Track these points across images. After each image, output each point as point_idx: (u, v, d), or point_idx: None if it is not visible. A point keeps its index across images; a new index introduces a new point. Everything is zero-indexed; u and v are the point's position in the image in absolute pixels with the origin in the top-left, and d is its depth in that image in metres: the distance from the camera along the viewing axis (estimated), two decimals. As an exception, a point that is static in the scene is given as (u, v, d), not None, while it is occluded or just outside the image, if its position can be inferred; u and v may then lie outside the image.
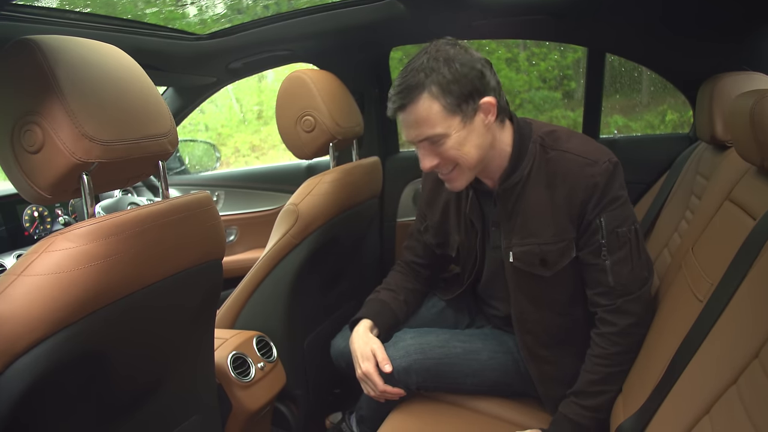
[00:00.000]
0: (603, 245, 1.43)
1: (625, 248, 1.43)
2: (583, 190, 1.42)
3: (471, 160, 1.44)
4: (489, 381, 1.67)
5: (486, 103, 1.40)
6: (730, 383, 0.94)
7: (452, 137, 1.40)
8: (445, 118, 1.39)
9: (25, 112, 0.98)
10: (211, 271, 1.33)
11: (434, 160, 1.46)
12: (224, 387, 1.63)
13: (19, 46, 1.00)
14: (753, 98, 1.23)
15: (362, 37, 2.37)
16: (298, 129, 1.95)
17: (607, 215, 1.42)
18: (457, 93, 1.37)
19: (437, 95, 1.37)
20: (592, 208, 1.42)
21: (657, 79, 4.65)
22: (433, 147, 1.44)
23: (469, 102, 1.38)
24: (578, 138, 1.51)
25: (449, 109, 1.38)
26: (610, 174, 1.41)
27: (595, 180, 1.41)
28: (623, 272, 1.43)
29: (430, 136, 1.41)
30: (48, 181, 1.01)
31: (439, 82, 1.36)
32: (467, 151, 1.43)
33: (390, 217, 2.68)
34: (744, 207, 1.28)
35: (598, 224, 1.43)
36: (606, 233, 1.43)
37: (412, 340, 1.69)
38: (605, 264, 1.44)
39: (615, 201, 1.42)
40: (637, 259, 1.44)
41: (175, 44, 2.21)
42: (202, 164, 3.18)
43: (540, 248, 1.49)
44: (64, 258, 0.96)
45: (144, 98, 1.15)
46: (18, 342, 0.93)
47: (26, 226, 2.13)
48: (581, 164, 1.43)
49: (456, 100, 1.37)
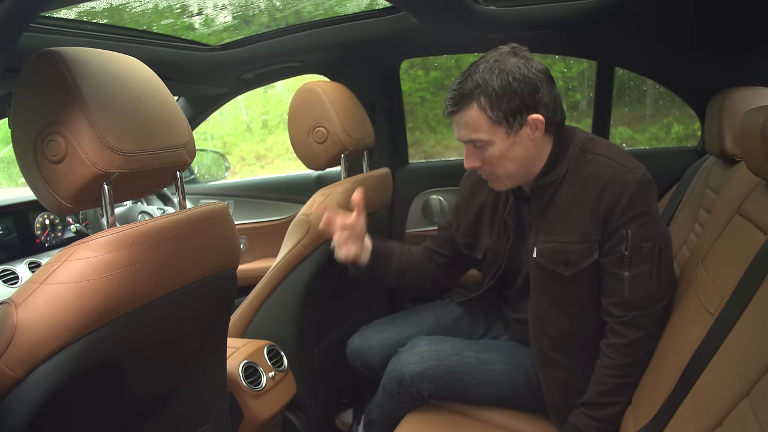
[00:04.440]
0: (626, 257, 1.44)
1: (646, 264, 1.43)
2: (612, 194, 1.43)
3: (509, 170, 1.50)
4: (501, 394, 1.67)
5: (534, 120, 1.44)
6: (742, 396, 0.95)
7: (496, 145, 1.46)
8: (491, 128, 1.44)
9: (48, 123, 1.00)
10: (226, 281, 1.34)
11: (476, 161, 1.52)
12: (235, 396, 1.64)
13: (42, 58, 1.01)
14: (764, 113, 1.24)
15: (374, 50, 2.39)
16: (310, 140, 1.97)
17: (634, 228, 1.42)
18: (505, 107, 1.42)
19: (485, 107, 1.43)
20: (619, 216, 1.43)
21: (663, 92, 4.65)
22: (477, 150, 1.50)
23: (516, 116, 1.43)
24: (617, 148, 1.53)
25: (495, 121, 1.43)
26: (642, 185, 1.42)
27: (626, 187, 1.42)
28: (640, 287, 1.43)
29: (475, 139, 1.48)
30: (70, 190, 1.02)
31: (489, 95, 1.41)
32: (508, 161, 1.49)
33: (399, 228, 2.69)
34: (754, 221, 1.29)
35: (624, 235, 1.43)
36: (630, 245, 1.43)
37: (427, 346, 1.71)
38: (623, 275, 1.44)
39: (644, 215, 1.43)
40: (656, 277, 1.44)
41: (189, 55, 2.23)
42: (211, 174, 3.19)
43: (564, 246, 1.50)
44: (86, 267, 0.97)
45: (163, 109, 1.17)
46: (40, 350, 0.94)
47: (38, 233, 2.15)
48: (615, 169, 1.45)
49: (503, 114, 1.42)
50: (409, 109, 6.42)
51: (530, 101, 1.43)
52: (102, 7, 1.79)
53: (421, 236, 2.65)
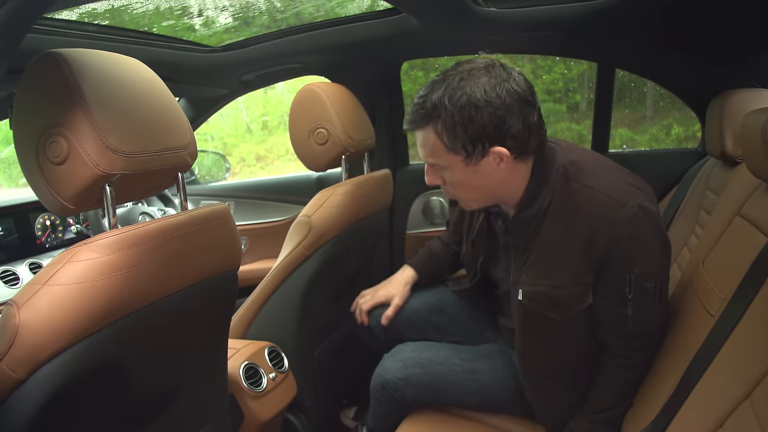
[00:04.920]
0: (629, 299, 1.34)
1: (649, 302, 1.36)
2: (606, 238, 1.30)
3: (472, 196, 1.42)
4: (491, 401, 1.66)
5: (497, 152, 1.29)
6: (743, 398, 0.95)
7: (455, 172, 1.35)
8: (447, 154, 1.32)
9: (50, 124, 1.00)
10: (227, 282, 1.34)
11: (437, 180, 1.42)
12: (236, 397, 1.64)
13: (44, 59, 1.02)
14: (764, 115, 1.24)
15: (375, 51, 2.39)
16: (311, 141, 1.97)
17: (637, 272, 1.32)
18: (462, 136, 1.28)
19: (441, 132, 1.30)
20: (618, 261, 1.32)
21: (663, 94, 4.66)
22: (437, 172, 1.40)
23: (477, 146, 1.29)
24: (606, 171, 1.38)
25: (451, 148, 1.31)
26: (639, 221, 1.29)
27: (621, 229, 1.29)
28: (643, 322, 1.38)
29: (433, 164, 1.38)
30: (72, 192, 1.03)
31: (445, 121, 1.28)
32: (469, 188, 1.39)
33: (400, 229, 2.69)
34: (755, 223, 1.29)
35: (626, 279, 1.33)
36: (633, 288, 1.33)
37: (411, 353, 1.70)
38: (627, 313, 1.36)
39: (646, 253, 1.31)
40: (658, 309, 1.39)
41: (189, 56, 2.24)
42: (211, 175, 3.19)
43: (554, 291, 1.38)
44: (88, 268, 0.97)
45: (165, 111, 1.17)
46: (42, 351, 0.95)
47: (38, 234, 2.15)
48: (606, 207, 1.30)
49: (461, 142, 1.29)
50: (410, 110, 6.43)
51: (493, 132, 1.27)
52: (103, 8, 1.79)
53: (421, 237, 2.65)
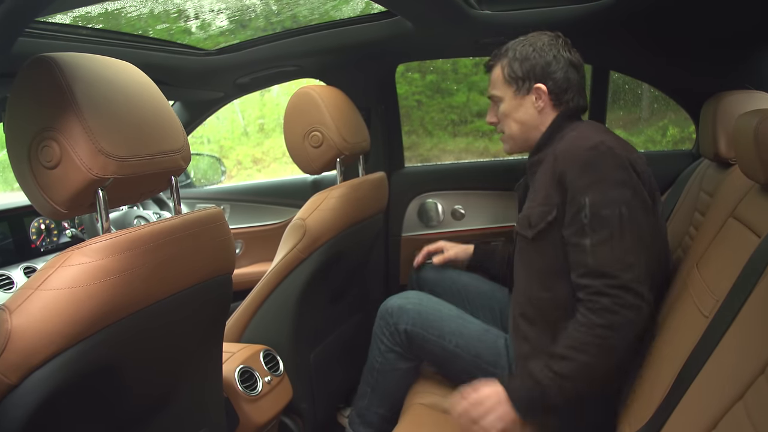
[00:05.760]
0: (586, 225, 1.46)
1: (606, 230, 1.43)
2: (566, 162, 1.51)
3: (513, 130, 1.72)
4: (472, 349, 1.72)
5: (538, 88, 1.64)
6: (736, 399, 0.95)
7: (505, 102, 1.70)
8: (504, 85, 1.69)
9: (42, 128, 1.00)
10: (222, 286, 1.34)
11: (493, 117, 1.77)
12: (231, 400, 1.64)
13: (37, 63, 1.01)
14: (757, 117, 1.24)
15: (369, 54, 2.39)
16: (305, 144, 1.97)
17: (591, 195, 1.45)
18: (517, 70, 1.65)
19: (504, 66, 1.68)
20: (573, 182, 1.48)
21: (658, 95, 4.67)
22: (494, 106, 1.75)
23: (525, 81, 1.65)
24: (595, 128, 1.60)
25: (507, 80, 1.68)
26: (599, 153, 1.47)
27: (580, 152, 1.49)
28: (602, 253, 1.43)
29: (491, 95, 1.74)
30: (64, 196, 1.02)
31: (510, 57, 1.67)
32: (512, 121, 1.71)
33: (395, 232, 2.69)
34: (748, 224, 1.30)
35: (582, 203, 1.46)
36: (589, 213, 1.45)
37: (415, 294, 1.95)
38: (586, 244, 1.45)
39: (601, 182, 1.45)
40: (618, 241, 1.42)
41: (184, 59, 2.23)
42: (207, 178, 3.18)
43: (529, 210, 1.61)
44: (80, 273, 0.97)
45: (158, 114, 1.17)
46: (34, 356, 0.94)
47: (33, 238, 2.14)
48: (575, 139, 1.55)
49: (515, 75, 1.66)
50: (406, 113, 6.44)
51: (540, 72, 1.63)
52: (97, 12, 1.78)
53: (417, 240, 2.65)
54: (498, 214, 2.63)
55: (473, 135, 6.79)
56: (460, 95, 6.84)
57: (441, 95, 6.87)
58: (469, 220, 2.65)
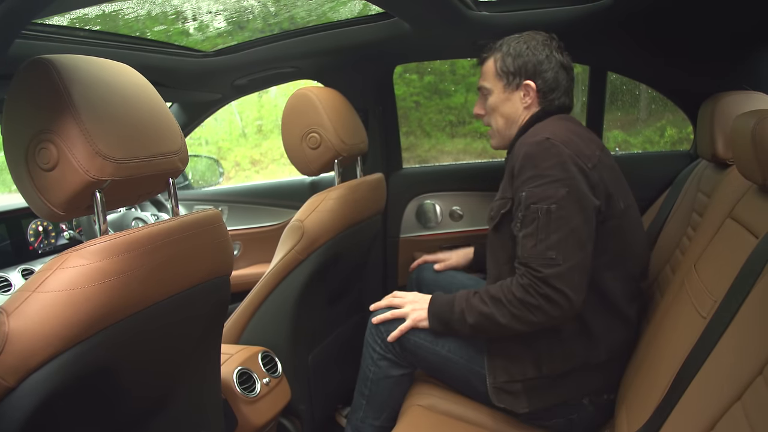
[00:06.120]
0: (519, 218, 1.54)
1: (533, 225, 1.49)
2: (514, 157, 1.59)
3: (499, 124, 1.78)
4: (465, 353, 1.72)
5: (527, 85, 1.70)
6: (734, 400, 0.95)
7: (494, 95, 1.76)
8: (494, 78, 1.75)
9: (40, 130, 1.00)
10: (219, 288, 1.34)
11: (480, 109, 1.83)
12: (230, 402, 1.64)
13: (34, 66, 1.01)
14: (754, 118, 1.25)
15: (367, 55, 2.39)
16: (303, 146, 1.97)
17: (527, 190, 1.52)
18: (509, 65, 1.71)
19: (496, 60, 1.73)
20: (517, 177, 1.55)
21: (656, 96, 4.68)
22: (483, 98, 1.81)
23: (516, 77, 1.71)
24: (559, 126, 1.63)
25: (499, 73, 1.73)
26: (540, 148, 1.53)
27: (525, 150, 1.55)
28: (527, 246, 1.50)
29: (481, 86, 1.80)
30: (62, 198, 1.02)
31: (503, 52, 1.72)
32: (498, 115, 1.77)
33: (393, 233, 2.69)
34: (746, 225, 1.30)
35: (521, 197, 1.53)
36: (523, 207, 1.52)
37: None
38: (519, 236, 1.53)
39: (538, 178, 1.51)
40: (542, 236, 1.48)
41: (182, 61, 2.23)
42: (205, 179, 3.19)
43: (493, 203, 1.70)
44: (78, 274, 0.97)
45: (155, 116, 1.17)
46: (32, 358, 0.94)
47: (31, 240, 2.14)
48: (529, 134, 1.61)
49: (507, 69, 1.71)
50: (404, 114, 6.45)
51: (532, 69, 1.69)
52: (95, 13, 1.78)
53: (415, 241, 2.65)
54: (496, 215, 2.63)
55: (471, 136, 6.81)
56: (458, 96, 6.85)
57: (439, 96, 6.88)
58: (468, 221, 2.65)
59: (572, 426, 1.62)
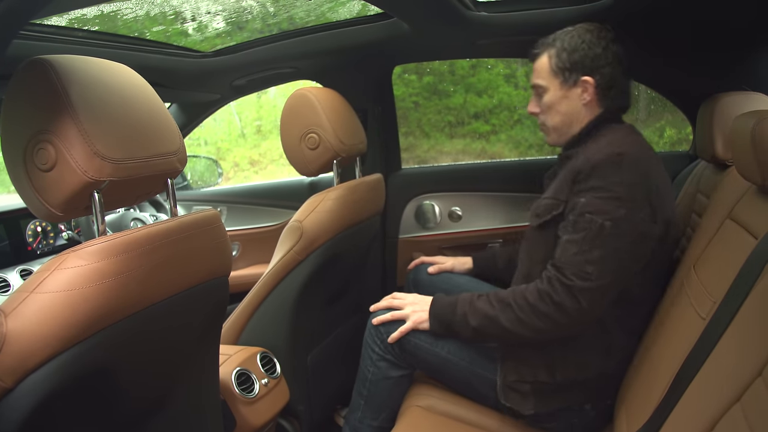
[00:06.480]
0: (570, 222, 1.51)
1: (581, 233, 1.47)
2: (582, 162, 1.53)
3: (555, 122, 1.70)
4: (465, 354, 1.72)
5: (585, 81, 1.63)
6: (733, 401, 0.95)
7: (550, 93, 1.68)
8: (550, 75, 1.67)
9: (38, 131, 0.99)
10: (218, 288, 1.34)
11: (535, 107, 1.74)
12: (228, 403, 1.63)
13: (32, 66, 1.01)
14: (754, 119, 1.24)
15: (366, 56, 2.39)
16: (302, 146, 1.97)
17: (587, 198, 1.49)
18: (564, 61, 1.63)
19: (551, 56, 1.66)
20: (580, 183, 1.51)
21: (655, 96, 4.68)
22: (537, 96, 1.73)
23: (573, 73, 1.63)
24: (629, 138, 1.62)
25: (554, 71, 1.65)
26: (612, 162, 1.48)
27: (597, 159, 1.50)
28: (567, 251, 1.48)
29: (536, 84, 1.71)
30: (60, 198, 1.02)
31: (558, 49, 1.65)
32: (555, 113, 1.69)
33: (392, 234, 2.69)
34: (745, 226, 1.30)
35: (577, 202, 1.50)
36: (577, 213, 1.49)
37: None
38: (563, 239, 1.51)
39: (602, 190, 1.47)
40: (586, 248, 1.46)
41: (181, 62, 2.23)
42: (204, 180, 3.18)
43: (542, 201, 1.65)
44: (76, 275, 0.97)
45: (154, 117, 1.16)
46: (30, 359, 0.94)
47: (29, 240, 2.14)
48: (604, 144, 1.56)
49: (562, 66, 1.64)
50: (403, 114, 6.45)
51: (589, 64, 1.62)
52: (93, 14, 1.78)
53: (414, 242, 2.65)
54: (495, 216, 2.63)
55: (470, 136, 6.81)
56: (457, 97, 6.86)
57: (438, 97, 6.89)
58: (467, 221, 2.65)
59: (572, 429, 1.62)
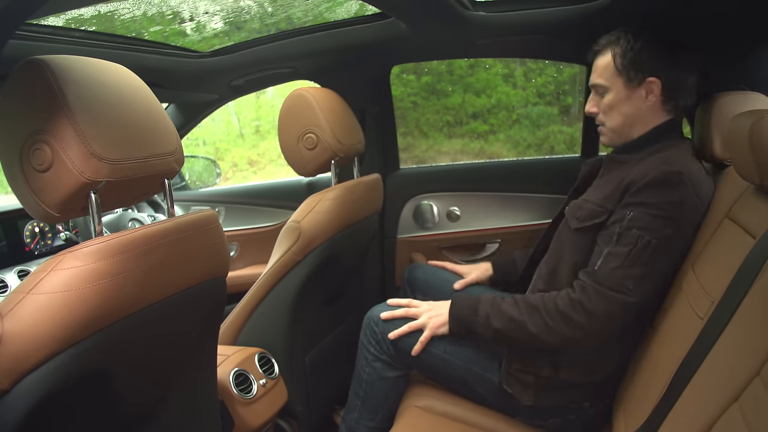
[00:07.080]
0: (615, 234, 1.47)
1: (627, 248, 1.44)
2: (636, 175, 1.49)
3: (615, 123, 1.64)
4: (463, 354, 1.71)
5: (651, 82, 1.58)
6: (731, 401, 0.95)
7: (612, 93, 1.62)
8: (614, 75, 1.60)
9: (34, 131, 0.99)
10: (216, 289, 1.33)
11: (594, 107, 1.68)
12: (226, 404, 1.63)
13: (28, 66, 1.01)
14: (752, 118, 1.24)
15: (364, 56, 2.39)
16: (300, 146, 1.97)
17: (637, 212, 1.45)
18: (630, 60, 1.57)
19: (615, 55, 1.60)
20: (631, 195, 1.47)
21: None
22: (597, 96, 1.67)
23: (638, 73, 1.58)
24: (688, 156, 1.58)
25: (618, 70, 1.59)
26: (667, 180, 1.45)
27: (654, 175, 1.46)
28: (608, 264, 1.45)
29: (597, 84, 1.65)
30: (56, 199, 1.02)
31: (623, 47, 1.59)
32: (616, 113, 1.63)
33: (390, 234, 2.69)
34: (743, 225, 1.30)
35: (625, 215, 1.46)
36: (624, 226, 1.46)
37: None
38: (604, 250, 1.48)
39: (653, 207, 1.44)
40: (629, 263, 1.44)
41: (178, 62, 2.23)
42: (202, 180, 3.17)
43: (583, 204, 1.61)
44: (73, 276, 0.96)
45: (151, 117, 1.16)
46: (26, 360, 0.93)
47: (27, 241, 2.13)
48: (661, 160, 1.50)
49: (627, 65, 1.58)
50: (401, 114, 6.45)
51: (656, 65, 1.57)
52: (90, 14, 1.78)
53: (412, 242, 2.65)
54: (494, 216, 2.63)
55: (469, 136, 6.82)
56: (456, 97, 6.86)
57: (436, 96, 6.89)
58: (465, 221, 2.65)
59: (569, 426, 1.62)
